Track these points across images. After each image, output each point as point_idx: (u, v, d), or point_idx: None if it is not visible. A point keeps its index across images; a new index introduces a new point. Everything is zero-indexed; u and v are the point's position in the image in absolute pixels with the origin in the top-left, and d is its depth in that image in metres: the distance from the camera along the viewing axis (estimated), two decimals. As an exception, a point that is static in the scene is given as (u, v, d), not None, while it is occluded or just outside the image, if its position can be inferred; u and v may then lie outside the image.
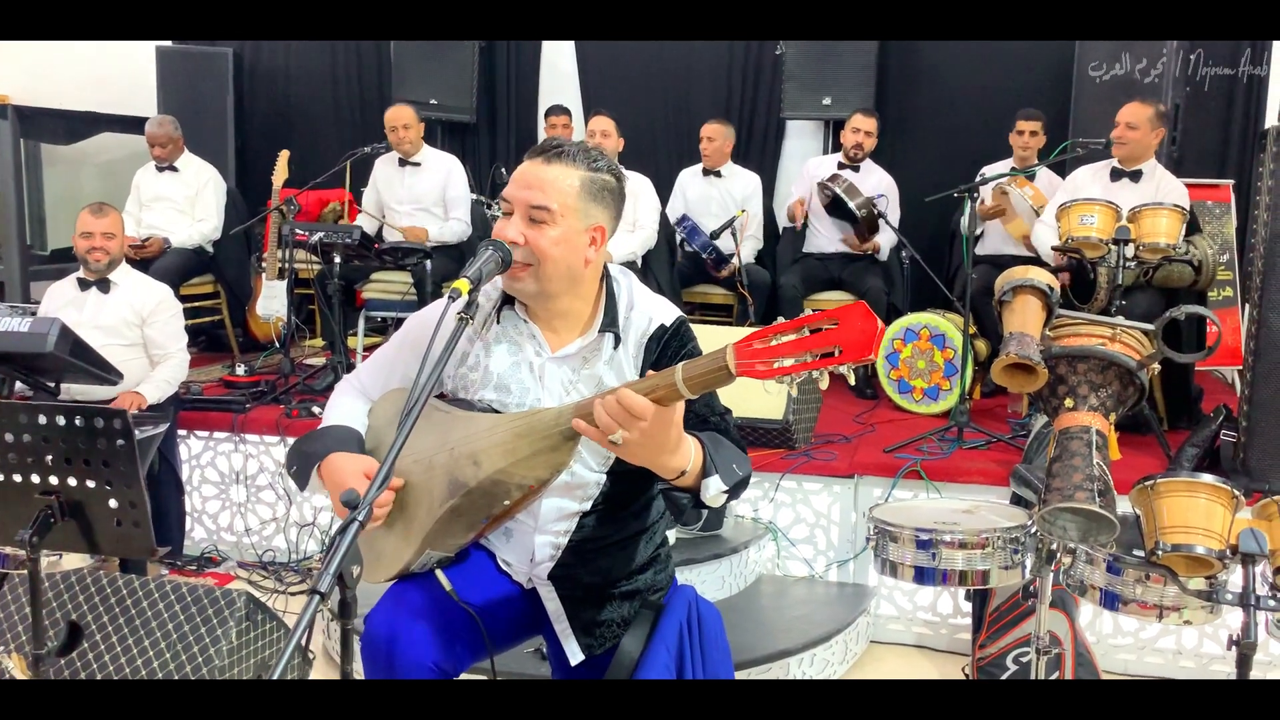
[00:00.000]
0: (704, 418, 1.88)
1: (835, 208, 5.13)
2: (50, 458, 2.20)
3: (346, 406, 2.07)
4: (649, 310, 1.95)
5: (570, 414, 1.69)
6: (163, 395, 3.99)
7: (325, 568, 1.29)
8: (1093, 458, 2.53)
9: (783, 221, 5.69)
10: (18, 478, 2.22)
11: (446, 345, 1.63)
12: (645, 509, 2.01)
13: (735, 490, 1.77)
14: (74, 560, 2.85)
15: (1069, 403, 2.68)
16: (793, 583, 3.82)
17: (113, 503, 2.22)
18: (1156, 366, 2.69)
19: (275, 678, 1.17)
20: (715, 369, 1.52)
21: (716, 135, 5.45)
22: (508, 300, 1.94)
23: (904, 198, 5.32)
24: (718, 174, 5.53)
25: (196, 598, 2.93)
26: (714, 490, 1.72)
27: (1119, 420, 2.89)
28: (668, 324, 1.94)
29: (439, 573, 1.95)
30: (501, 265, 1.76)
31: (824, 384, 1.44)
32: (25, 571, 2.74)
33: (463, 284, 1.65)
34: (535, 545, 1.95)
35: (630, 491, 1.96)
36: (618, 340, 1.91)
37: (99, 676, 2.89)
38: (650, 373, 1.62)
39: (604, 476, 1.91)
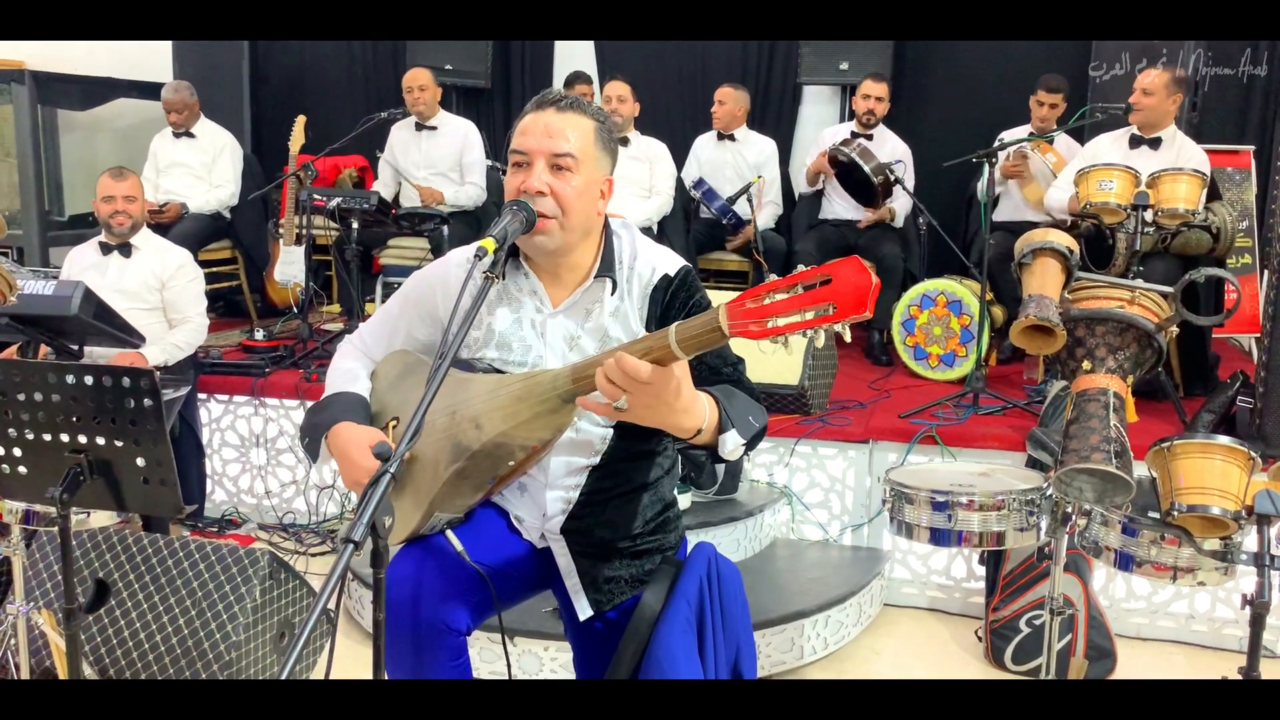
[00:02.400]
0: (716, 369, 1.89)
1: (846, 177, 5.10)
2: (78, 417, 2.23)
3: (350, 370, 2.08)
4: (652, 260, 1.94)
5: (567, 376, 1.69)
6: (169, 359, 3.97)
7: (358, 518, 1.32)
8: (1110, 419, 2.54)
9: (799, 188, 5.67)
10: (47, 436, 2.25)
11: (473, 304, 1.64)
12: (650, 459, 2.02)
13: (753, 442, 1.78)
14: (100, 519, 2.89)
15: (1087, 365, 2.69)
16: (807, 546, 3.86)
17: (140, 461, 2.25)
18: (1175, 330, 2.69)
19: (309, 629, 1.20)
20: (708, 330, 1.50)
21: (728, 99, 5.43)
22: (509, 256, 1.92)
23: (920, 164, 5.30)
24: (732, 138, 5.51)
25: (220, 556, 2.97)
26: (732, 444, 1.72)
27: (1136, 384, 2.90)
28: (672, 274, 1.93)
29: (449, 533, 1.96)
30: (526, 225, 1.77)
31: (819, 342, 1.42)
32: (54, 529, 2.79)
33: (489, 243, 1.65)
34: (547, 500, 1.97)
35: (638, 443, 1.97)
36: (614, 286, 1.91)
37: (125, 633, 2.94)
38: (644, 334, 1.61)
39: (610, 431, 1.91)
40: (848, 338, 1.40)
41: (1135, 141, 4.35)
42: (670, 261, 1.96)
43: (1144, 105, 4.24)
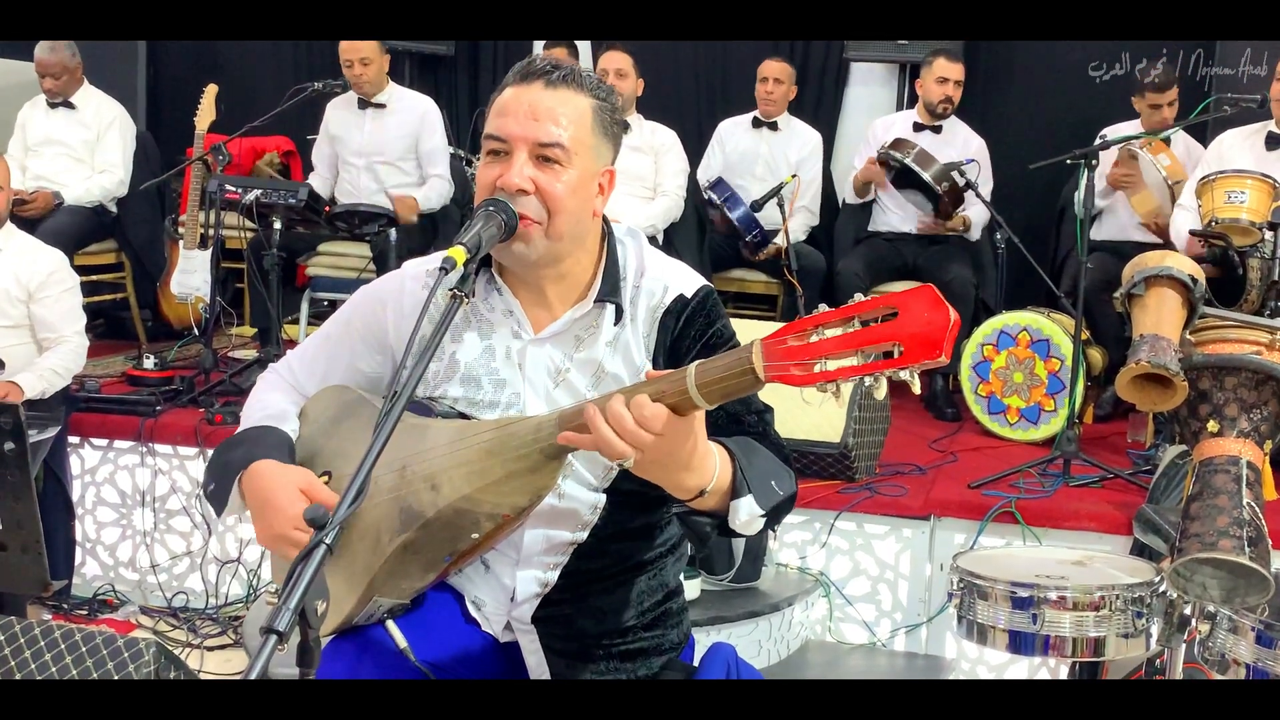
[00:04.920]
0: (738, 417, 1.89)
1: (904, 180, 5.15)
2: (-83, 463, 2.24)
3: (271, 404, 2.08)
4: (664, 278, 1.95)
5: (554, 425, 1.69)
6: (46, 389, 3.99)
7: (283, 602, 1.31)
8: (1242, 497, 2.55)
9: (844, 193, 5.71)
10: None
11: (435, 330, 1.65)
12: (651, 534, 2.02)
13: (776, 514, 1.77)
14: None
15: (1213, 426, 2.70)
16: (848, 651, 3.85)
17: (-4, 522, 2.25)
18: (1325, 384, 2.72)
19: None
20: (738, 372, 1.50)
21: (784, 77, 5.52)
22: (480, 268, 1.91)
23: (998, 164, 5.35)
24: (773, 126, 5.56)
25: (93, 648, 2.95)
26: (745, 514, 1.72)
27: (1273, 452, 2.91)
28: (688, 295, 1.94)
29: (390, 624, 1.95)
30: (505, 230, 1.78)
31: (880, 393, 1.41)
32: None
33: (458, 252, 1.66)
34: (517, 581, 1.95)
35: (638, 515, 1.97)
36: (620, 313, 1.92)
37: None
38: (653, 372, 1.61)
39: (604, 497, 1.91)
40: (916, 388, 1.40)
41: (1274, 141, 4.39)
42: (687, 280, 1.97)
43: None
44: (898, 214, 5.32)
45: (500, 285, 1.94)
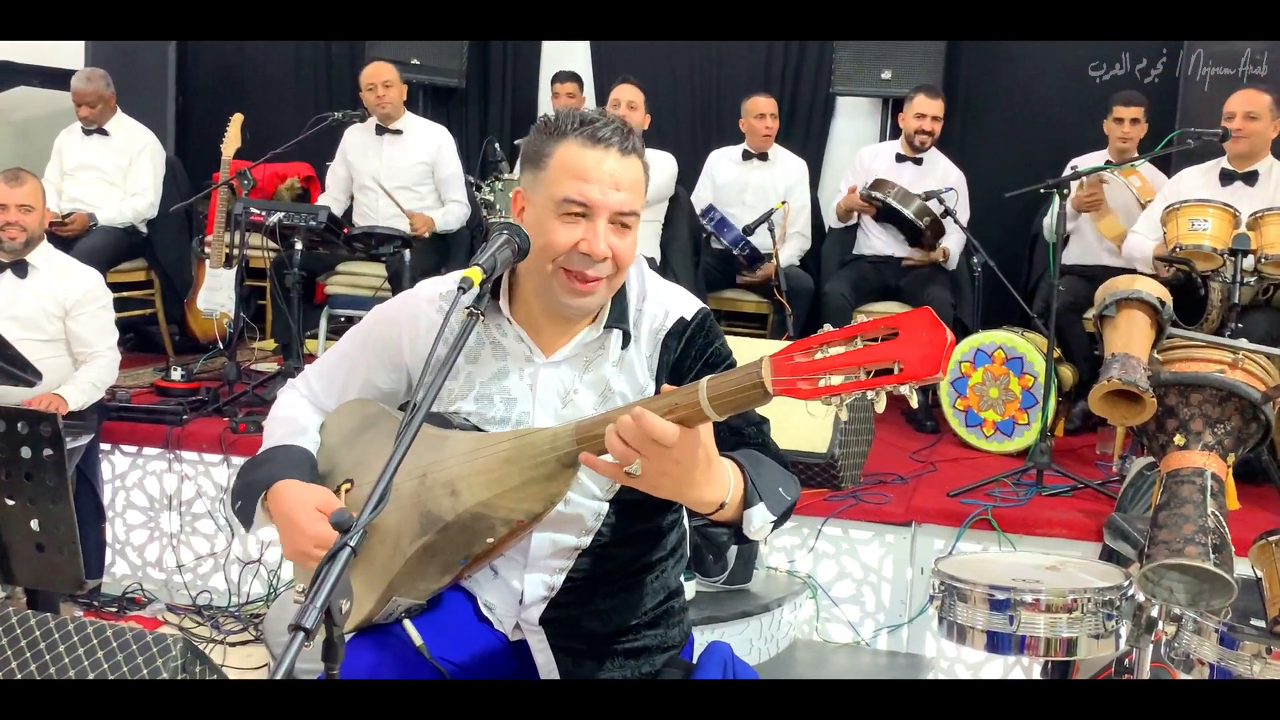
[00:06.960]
0: (738, 429, 1.88)
1: (887, 215, 5.16)
2: (-39, 468, 2.23)
3: (294, 420, 2.07)
4: (665, 302, 1.95)
5: (570, 436, 1.69)
6: (87, 401, 4.01)
7: (310, 600, 1.30)
8: (1207, 506, 2.55)
9: (830, 219, 5.71)
10: (-78, 490, 2.25)
11: (454, 345, 1.64)
12: (654, 540, 2.01)
13: (781, 519, 1.78)
14: (-21, 594, 2.87)
15: (1179, 440, 2.70)
16: (834, 650, 3.83)
17: (35, 523, 2.25)
18: (1284, 401, 2.72)
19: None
20: (748, 386, 1.50)
21: (775, 112, 5.53)
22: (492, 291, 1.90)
23: (975, 194, 5.34)
24: (762, 157, 5.57)
25: (124, 643, 2.93)
26: (759, 522, 1.72)
27: (1235, 465, 2.91)
28: (688, 317, 1.94)
29: (407, 623, 1.94)
30: (518, 254, 1.77)
31: (880, 406, 1.42)
32: (-77, 604, 2.76)
33: (474, 273, 1.65)
34: (525, 585, 1.94)
35: (640, 522, 1.96)
36: (627, 338, 1.92)
37: (3, 734, 2.90)
38: (667, 387, 1.61)
39: (607, 505, 1.90)
40: (914, 402, 1.40)
41: (1227, 177, 4.40)
42: (686, 304, 1.97)
43: (1250, 130, 4.28)
44: (881, 238, 5.32)
45: (509, 315, 1.92)
